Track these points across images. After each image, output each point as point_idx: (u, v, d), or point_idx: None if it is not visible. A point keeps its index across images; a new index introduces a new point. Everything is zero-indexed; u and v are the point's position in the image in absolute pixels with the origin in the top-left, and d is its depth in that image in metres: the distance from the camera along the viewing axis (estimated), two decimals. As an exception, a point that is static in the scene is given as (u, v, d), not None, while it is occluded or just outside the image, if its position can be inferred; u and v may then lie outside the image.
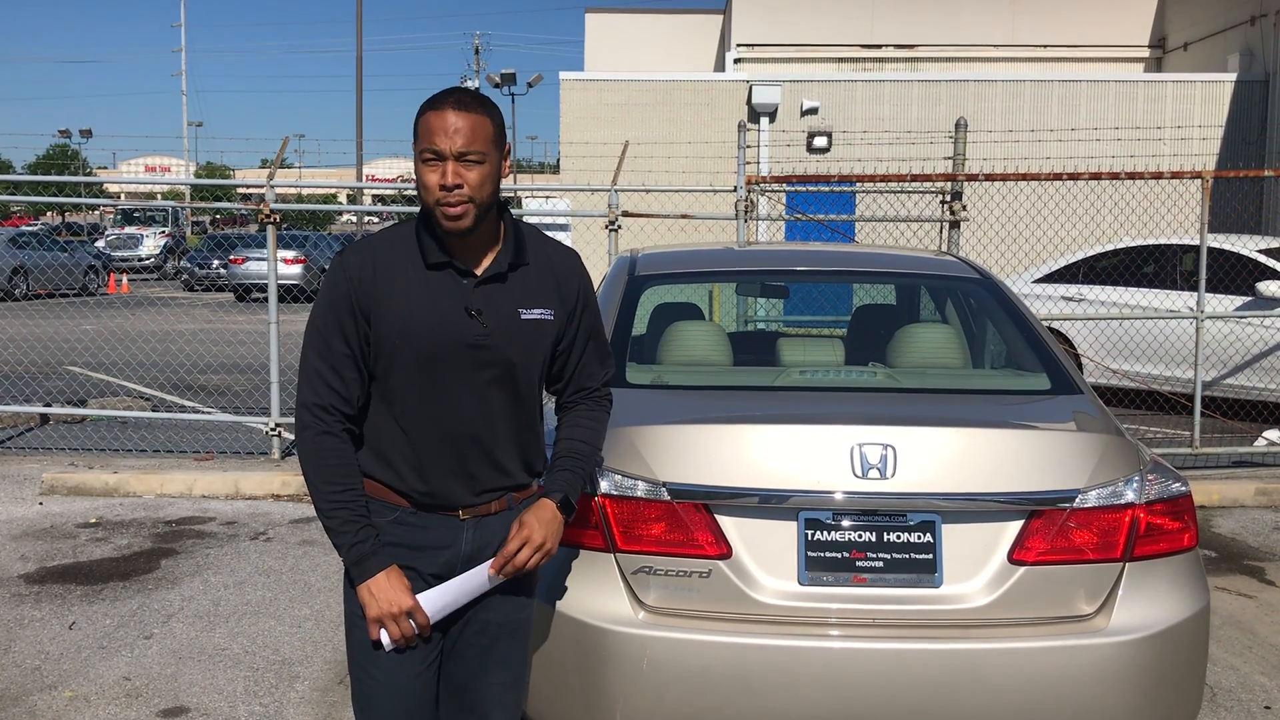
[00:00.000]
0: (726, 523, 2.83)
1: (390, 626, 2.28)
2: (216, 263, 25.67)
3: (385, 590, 2.27)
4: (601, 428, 2.56)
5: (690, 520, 2.82)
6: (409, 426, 2.34)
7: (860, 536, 2.82)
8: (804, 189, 9.88)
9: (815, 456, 2.83)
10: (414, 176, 2.33)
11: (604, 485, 2.85)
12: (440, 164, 2.25)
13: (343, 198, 38.63)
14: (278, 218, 7.90)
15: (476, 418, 2.35)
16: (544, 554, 2.36)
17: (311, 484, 2.33)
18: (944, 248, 8.27)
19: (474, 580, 2.38)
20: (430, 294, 2.31)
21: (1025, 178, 7.98)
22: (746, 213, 8.05)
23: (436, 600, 2.34)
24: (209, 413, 9.14)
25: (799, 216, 9.30)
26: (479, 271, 2.36)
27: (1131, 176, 7.81)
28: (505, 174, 2.35)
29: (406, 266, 2.33)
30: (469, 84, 59.20)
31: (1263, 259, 9.42)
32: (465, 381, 2.33)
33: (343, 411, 2.33)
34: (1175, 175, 7.89)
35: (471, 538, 2.40)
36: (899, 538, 2.82)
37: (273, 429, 7.78)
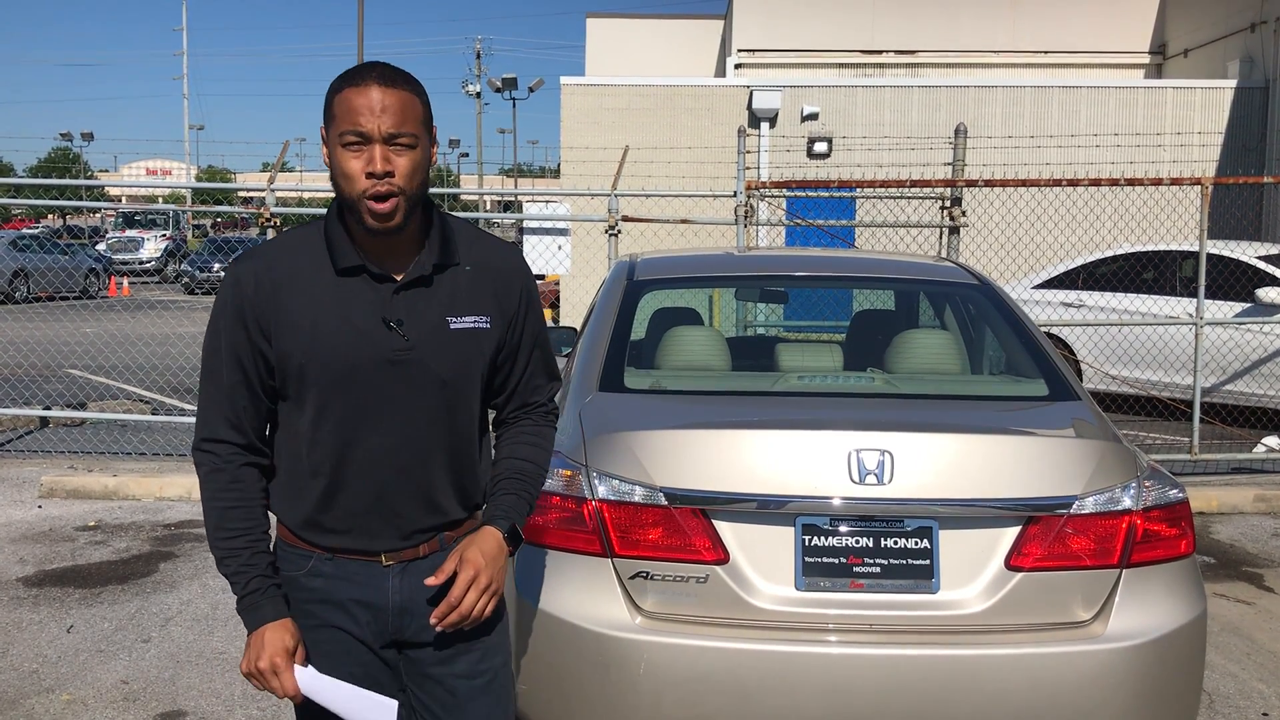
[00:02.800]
0: (724, 528, 2.83)
1: (253, 681, 2.01)
2: (217, 266, 25.72)
3: (258, 643, 1.98)
4: (548, 445, 2.25)
5: (687, 525, 2.82)
6: (323, 459, 2.02)
7: (857, 542, 2.82)
8: (804, 194, 9.89)
9: (813, 462, 2.83)
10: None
11: (601, 490, 2.85)
12: (365, 148, 1.92)
13: (343, 201, 38.61)
14: (279, 221, 7.91)
15: (402, 447, 2.03)
16: (493, 595, 2.03)
17: (206, 530, 2.05)
18: (943, 253, 8.28)
19: (370, 708, 2.05)
20: (341, 304, 1.99)
21: (1025, 183, 7.99)
22: (746, 218, 8.06)
23: (317, 684, 2.04)
24: (208, 416, 9.13)
25: (799, 222, 9.31)
26: (399, 276, 2.03)
27: (1131, 183, 7.82)
28: (433, 162, 2.06)
29: (312, 274, 2.01)
30: (471, 89, 59.13)
31: (1262, 265, 9.42)
32: (387, 404, 2.01)
33: (239, 445, 2.04)
34: (1175, 181, 7.91)
35: (399, 586, 2.08)
36: (896, 543, 2.82)
37: (272, 433, 7.78)
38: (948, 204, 8.29)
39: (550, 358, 2.27)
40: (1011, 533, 2.84)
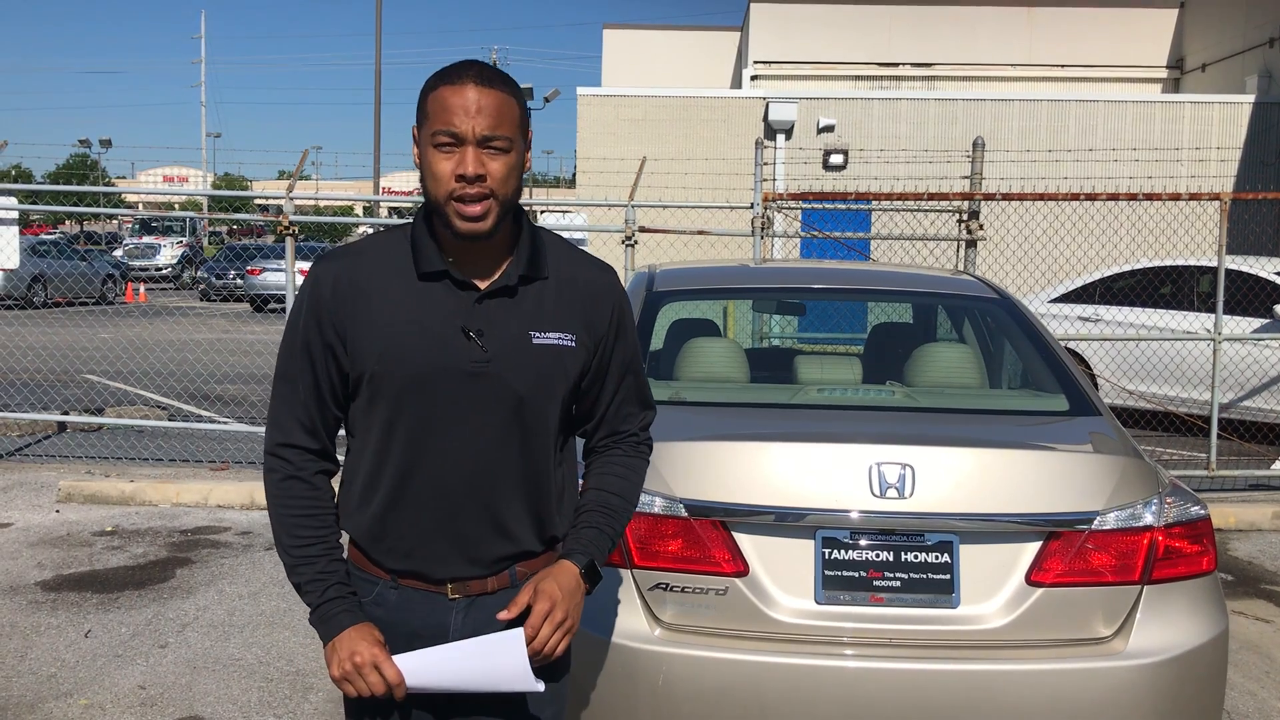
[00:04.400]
0: (744, 540, 2.83)
1: (348, 685, 1.87)
2: (233, 273, 25.85)
3: (348, 642, 1.87)
4: (638, 479, 2.13)
5: (707, 537, 2.82)
6: (392, 471, 1.94)
7: (878, 556, 2.82)
8: (820, 206, 9.90)
9: (833, 475, 2.83)
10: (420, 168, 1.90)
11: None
12: (458, 149, 1.84)
13: (359, 210, 38.84)
14: (296, 229, 7.94)
15: (472, 463, 1.93)
16: (568, 632, 1.93)
17: (275, 537, 1.97)
18: (961, 267, 8.27)
19: (483, 655, 1.87)
20: (419, 310, 1.91)
21: (1043, 198, 7.98)
22: (763, 229, 8.06)
23: (418, 664, 1.88)
24: (225, 422, 9.18)
25: (815, 234, 9.31)
26: (483, 285, 1.94)
27: (1149, 198, 7.80)
28: (527, 168, 1.96)
29: (395, 277, 1.93)
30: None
31: (1280, 281, 9.38)
32: (459, 418, 1.91)
33: (312, 450, 1.97)
34: (1193, 197, 7.88)
35: (462, 623, 1.96)
36: (916, 557, 2.81)
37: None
38: (965, 217, 8.28)
39: (644, 385, 2.16)
40: (1032, 548, 2.83)
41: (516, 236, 1.98)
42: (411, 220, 2.00)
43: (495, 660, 1.85)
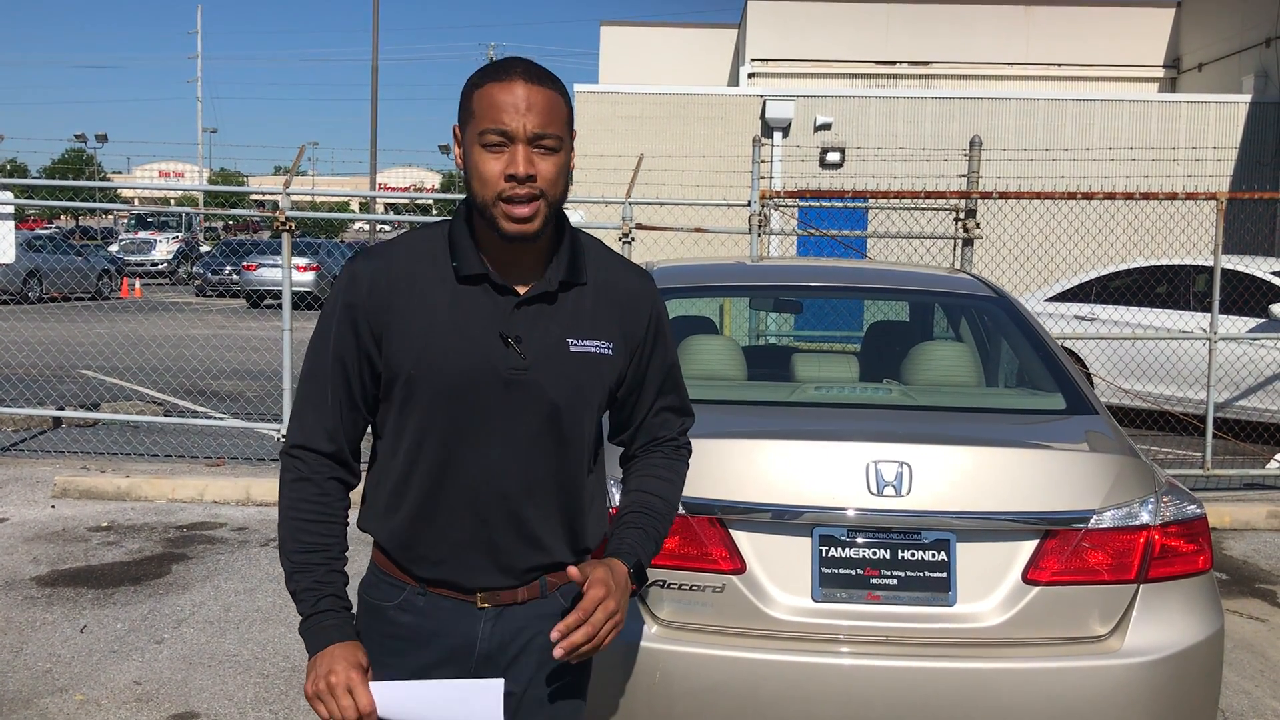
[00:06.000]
0: (741, 538, 2.83)
1: (319, 704, 1.80)
2: (229, 268, 25.84)
3: (327, 660, 1.80)
4: (679, 480, 2.10)
5: (705, 535, 2.82)
6: (421, 478, 1.89)
7: (874, 554, 2.82)
8: (817, 204, 9.90)
9: (830, 473, 2.83)
10: (459, 171, 1.84)
11: (618, 498, 2.85)
12: (507, 148, 1.77)
13: (355, 206, 38.76)
14: (293, 225, 7.93)
15: (506, 472, 1.88)
16: (616, 626, 1.84)
17: (279, 539, 1.91)
18: (957, 265, 8.27)
19: (460, 700, 1.81)
20: (458, 314, 1.85)
21: (1039, 196, 7.98)
22: (760, 227, 8.06)
23: (393, 695, 1.82)
24: (220, 418, 9.17)
25: (812, 232, 9.31)
26: (523, 290, 1.88)
27: (1146, 197, 7.80)
28: (572, 168, 1.91)
29: (433, 278, 1.87)
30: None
31: (1276, 281, 9.40)
32: (493, 425, 1.87)
33: (330, 454, 1.91)
34: (1190, 196, 7.89)
35: (490, 632, 1.92)
36: (913, 555, 2.82)
37: (284, 436, 7.80)
38: (962, 216, 8.28)
39: (683, 392, 2.12)
40: (1029, 546, 2.83)
41: (557, 240, 1.92)
42: (449, 221, 1.94)
43: (471, 706, 1.80)
